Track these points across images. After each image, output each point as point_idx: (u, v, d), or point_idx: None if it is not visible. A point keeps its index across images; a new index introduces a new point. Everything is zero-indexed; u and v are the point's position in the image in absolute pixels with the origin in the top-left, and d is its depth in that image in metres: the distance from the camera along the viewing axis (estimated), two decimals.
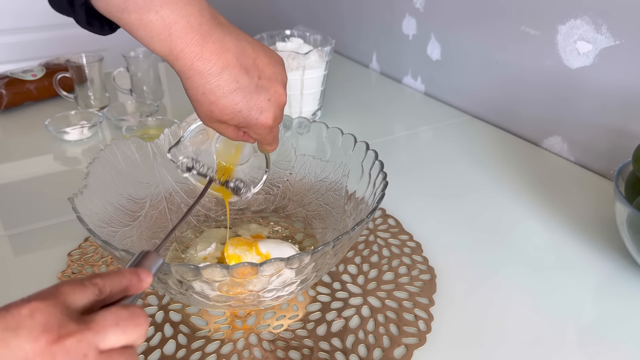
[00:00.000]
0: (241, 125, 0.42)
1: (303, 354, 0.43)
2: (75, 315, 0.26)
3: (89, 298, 0.27)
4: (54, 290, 0.26)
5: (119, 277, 0.29)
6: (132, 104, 0.89)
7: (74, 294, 0.26)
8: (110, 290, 0.28)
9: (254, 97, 0.41)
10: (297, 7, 1.36)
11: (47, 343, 0.24)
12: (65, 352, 0.24)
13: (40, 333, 0.24)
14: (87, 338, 0.25)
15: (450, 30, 0.92)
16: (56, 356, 0.24)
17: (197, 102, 0.41)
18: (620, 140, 0.69)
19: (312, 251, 0.37)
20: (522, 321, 0.47)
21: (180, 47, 0.38)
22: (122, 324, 0.26)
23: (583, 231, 0.59)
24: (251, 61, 0.41)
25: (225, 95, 0.39)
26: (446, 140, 0.83)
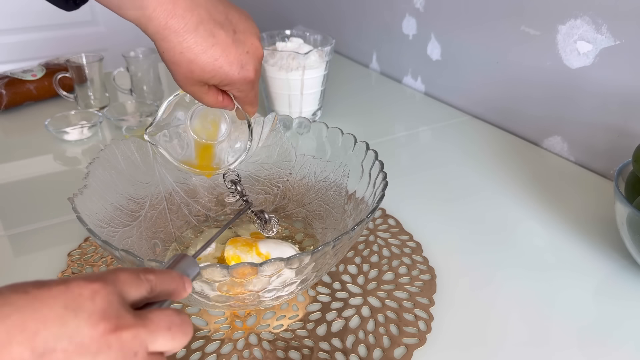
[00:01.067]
0: (223, 83, 0.42)
1: (303, 354, 0.43)
2: (129, 307, 0.25)
3: (141, 294, 0.27)
4: (113, 277, 0.26)
5: (169, 280, 0.29)
6: (132, 104, 0.89)
7: (130, 285, 0.26)
8: (159, 291, 0.28)
9: (233, 50, 0.41)
10: (297, 7, 1.36)
11: (104, 331, 0.23)
12: (120, 345, 0.24)
13: (99, 319, 0.23)
14: (141, 335, 0.25)
15: (450, 30, 0.92)
16: (111, 347, 0.23)
17: (175, 64, 0.40)
18: (620, 140, 0.69)
19: (312, 251, 0.37)
20: (522, 321, 0.47)
21: (152, 7, 0.38)
22: (173, 329, 0.26)
23: (583, 231, 0.59)
24: (223, 16, 0.41)
25: (204, 51, 0.39)
26: (446, 140, 0.83)
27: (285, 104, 0.85)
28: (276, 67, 0.81)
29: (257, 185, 0.59)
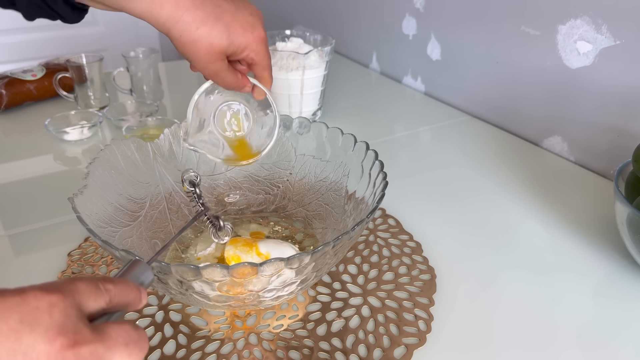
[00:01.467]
0: (240, 48, 0.45)
1: (303, 354, 0.43)
2: (87, 321, 0.25)
3: (99, 305, 0.26)
4: (71, 287, 0.25)
5: (127, 291, 0.28)
6: (132, 104, 0.89)
7: (89, 297, 0.25)
8: (117, 302, 0.27)
9: (240, 15, 0.45)
10: (297, 7, 1.36)
11: (61, 347, 0.23)
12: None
13: (56, 334, 0.23)
14: (99, 351, 0.24)
15: (450, 30, 0.92)
16: None
17: (195, 42, 0.44)
18: (620, 140, 0.69)
19: (312, 251, 0.37)
20: (522, 321, 0.47)
21: None
22: (130, 345, 0.25)
23: (583, 231, 0.59)
24: None
25: (217, 19, 0.43)
26: (446, 140, 0.83)
27: (285, 104, 0.85)
28: (276, 67, 0.81)
29: (257, 185, 0.59)
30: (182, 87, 1.06)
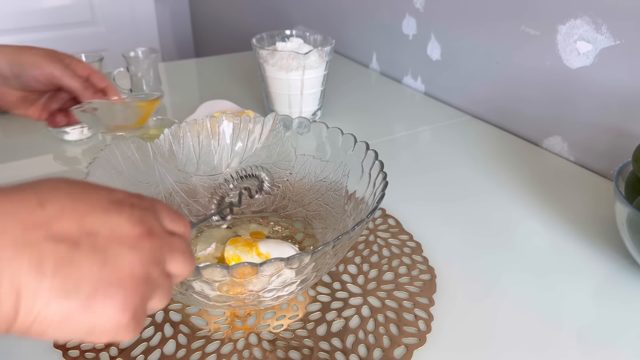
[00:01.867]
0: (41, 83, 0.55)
1: (303, 354, 0.43)
2: (161, 225, 0.29)
3: (172, 229, 0.30)
4: (152, 203, 0.30)
5: (188, 233, 0.32)
6: None
7: (168, 217, 0.30)
8: (182, 232, 0.31)
9: None
10: (297, 7, 1.36)
11: (140, 233, 0.27)
12: (149, 249, 0.27)
13: (137, 222, 0.27)
14: (165, 249, 0.28)
15: (450, 30, 0.92)
16: (142, 248, 0.27)
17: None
18: (620, 140, 0.69)
19: (312, 251, 0.37)
20: (522, 320, 0.47)
21: None
22: (186, 255, 0.30)
23: (583, 231, 0.59)
24: None
25: None
26: (446, 140, 0.83)
27: (285, 104, 0.85)
28: (276, 67, 0.81)
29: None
30: (182, 87, 1.06)
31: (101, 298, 0.25)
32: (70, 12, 1.83)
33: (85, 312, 0.25)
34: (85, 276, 0.25)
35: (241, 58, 1.23)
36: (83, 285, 0.25)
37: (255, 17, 1.60)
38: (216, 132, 0.56)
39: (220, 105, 0.86)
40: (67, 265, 0.24)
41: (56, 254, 0.24)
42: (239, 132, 0.57)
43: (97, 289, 0.25)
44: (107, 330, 0.26)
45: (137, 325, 0.27)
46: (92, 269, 0.25)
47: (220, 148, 0.57)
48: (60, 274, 0.24)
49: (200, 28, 2.06)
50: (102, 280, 0.25)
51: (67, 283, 0.24)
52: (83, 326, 0.25)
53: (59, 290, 0.24)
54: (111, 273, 0.26)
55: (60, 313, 0.24)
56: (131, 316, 0.26)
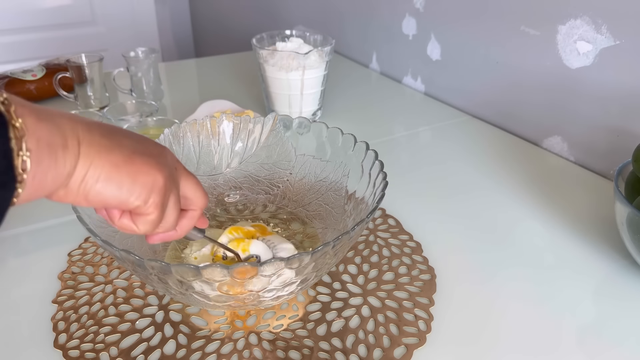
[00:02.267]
0: None
1: (303, 354, 0.43)
2: None
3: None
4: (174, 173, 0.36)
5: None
6: (132, 104, 0.89)
7: (177, 188, 0.36)
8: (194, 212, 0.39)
9: None
10: (297, 7, 1.36)
11: (165, 180, 0.33)
12: (170, 162, 0.35)
13: (168, 175, 0.34)
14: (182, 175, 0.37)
15: (450, 30, 0.92)
16: (166, 158, 0.34)
17: None
18: (620, 140, 0.69)
19: (312, 251, 0.37)
20: (522, 321, 0.47)
21: None
22: (200, 188, 0.39)
23: (583, 231, 0.59)
24: None
25: None
26: (446, 140, 0.83)
27: (285, 104, 0.85)
28: (276, 67, 0.81)
29: (257, 185, 0.59)
30: (182, 87, 1.06)
31: (139, 157, 0.32)
32: (70, 12, 1.83)
33: (128, 164, 0.31)
34: (125, 143, 0.32)
35: (241, 58, 1.23)
36: (123, 148, 0.31)
37: (255, 17, 1.60)
38: (216, 132, 0.56)
39: (220, 105, 0.86)
40: (109, 135, 0.31)
41: (99, 129, 0.31)
42: (239, 132, 0.57)
43: (135, 152, 0.32)
44: (145, 184, 0.32)
45: (163, 208, 0.33)
46: (130, 142, 0.32)
47: (220, 148, 0.57)
48: (105, 138, 0.30)
49: (200, 28, 2.06)
50: (138, 148, 0.32)
51: (112, 143, 0.31)
52: (126, 178, 0.31)
53: (106, 146, 0.30)
54: (144, 148, 0.33)
55: (109, 162, 0.30)
56: (164, 182, 0.33)
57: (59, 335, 0.45)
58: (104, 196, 0.31)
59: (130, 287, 0.50)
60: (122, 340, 0.44)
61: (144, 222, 0.34)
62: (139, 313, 0.47)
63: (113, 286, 0.51)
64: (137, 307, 0.48)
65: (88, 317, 0.47)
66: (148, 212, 0.33)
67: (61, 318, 0.47)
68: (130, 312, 0.48)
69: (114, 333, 0.45)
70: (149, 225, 0.34)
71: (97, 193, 0.30)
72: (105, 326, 0.46)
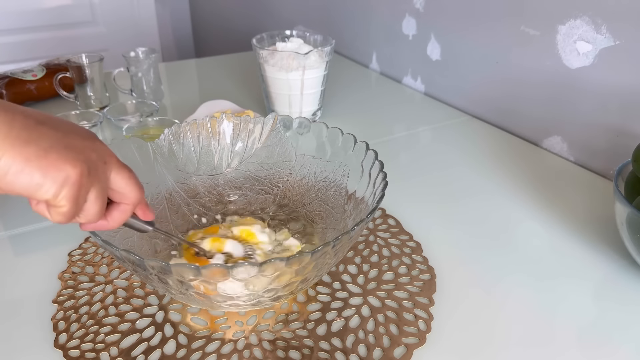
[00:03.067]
0: None
1: (303, 354, 0.43)
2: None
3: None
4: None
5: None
6: (132, 104, 0.89)
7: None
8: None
9: None
10: (297, 7, 1.36)
11: (81, 173, 0.33)
12: (100, 151, 0.35)
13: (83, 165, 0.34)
14: (112, 166, 0.37)
15: (450, 30, 0.92)
16: (94, 147, 0.35)
17: None
18: (620, 140, 0.69)
19: (312, 251, 0.37)
20: (522, 320, 0.47)
21: None
22: (133, 179, 0.38)
23: (583, 231, 0.59)
24: None
25: None
26: (446, 140, 0.83)
27: (285, 104, 0.85)
28: (276, 67, 0.81)
29: (257, 185, 0.59)
30: (182, 87, 1.06)
31: (55, 151, 0.32)
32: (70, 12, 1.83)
33: (40, 159, 0.31)
34: (47, 135, 0.32)
35: (241, 58, 1.23)
36: (42, 140, 0.32)
37: (255, 17, 1.60)
38: (216, 132, 0.57)
39: (220, 105, 0.86)
40: (32, 127, 0.32)
41: (23, 121, 0.32)
42: (239, 132, 0.57)
43: (53, 146, 0.32)
44: (56, 179, 0.32)
45: (76, 201, 0.34)
46: (51, 134, 0.33)
47: (221, 148, 0.57)
48: (25, 130, 0.31)
49: (200, 28, 2.06)
50: (59, 142, 0.33)
51: (30, 136, 0.31)
52: (37, 172, 0.31)
53: (22, 139, 0.31)
54: (67, 142, 0.33)
55: (21, 155, 0.31)
56: (78, 177, 0.33)
57: (59, 335, 0.45)
58: (15, 187, 0.32)
59: (130, 287, 0.50)
60: (122, 340, 0.44)
61: (57, 213, 0.34)
62: (139, 313, 0.48)
63: (113, 286, 0.51)
64: (137, 307, 0.48)
65: (88, 317, 0.47)
66: (60, 205, 0.34)
67: (61, 318, 0.47)
68: (130, 312, 0.48)
69: (114, 333, 0.45)
70: (62, 216, 0.34)
71: (7, 183, 0.32)
72: (105, 326, 0.46)
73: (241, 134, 0.57)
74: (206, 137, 0.56)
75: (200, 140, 0.56)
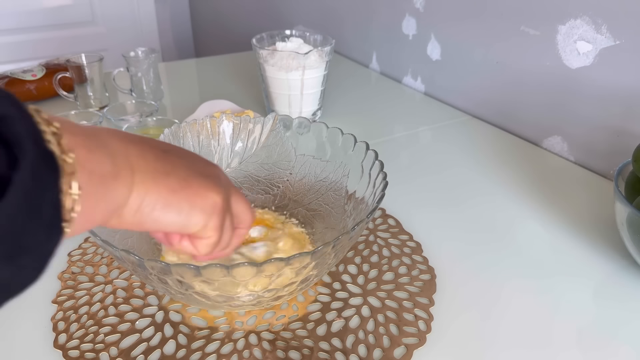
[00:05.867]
0: None
1: (303, 354, 0.43)
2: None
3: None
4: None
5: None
6: (132, 104, 0.89)
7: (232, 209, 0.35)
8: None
9: None
10: (297, 7, 1.36)
11: (223, 201, 0.32)
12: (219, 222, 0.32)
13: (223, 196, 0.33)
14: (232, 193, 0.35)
15: (450, 30, 0.92)
16: (219, 217, 0.32)
17: None
18: (620, 140, 0.69)
19: (312, 251, 0.37)
20: (522, 321, 0.47)
21: None
22: (249, 207, 0.37)
23: (583, 231, 0.59)
24: None
25: None
26: (446, 140, 0.83)
27: (285, 104, 0.85)
28: (276, 67, 0.81)
29: (257, 185, 0.59)
30: (182, 87, 1.06)
31: (196, 179, 0.31)
32: (70, 12, 1.83)
33: (185, 189, 0.30)
34: (180, 164, 0.31)
35: (241, 58, 1.22)
36: (179, 170, 0.30)
37: (255, 17, 1.60)
38: (216, 132, 0.56)
39: (220, 105, 0.86)
40: (163, 157, 0.30)
41: (153, 152, 0.29)
42: (239, 132, 0.57)
43: (190, 174, 0.31)
44: (204, 208, 0.30)
45: (221, 230, 0.32)
46: (182, 162, 0.31)
47: (220, 148, 0.57)
48: (160, 161, 0.29)
49: (200, 28, 2.06)
50: (193, 169, 0.31)
51: (166, 166, 0.29)
52: (185, 203, 0.29)
53: (161, 171, 0.29)
54: (199, 169, 0.32)
55: (166, 188, 0.29)
56: (223, 204, 0.32)
57: (58, 336, 0.45)
58: (162, 223, 0.29)
59: (130, 287, 0.50)
60: (122, 341, 0.44)
61: (205, 245, 0.32)
62: (139, 313, 0.47)
63: (113, 286, 0.51)
64: (137, 307, 0.48)
65: (88, 317, 0.47)
66: (209, 236, 0.32)
67: (61, 318, 0.47)
68: (130, 312, 0.48)
69: (114, 333, 0.45)
70: (210, 247, 0.33)
71: (154, 221, 0.29)
72: (105, 326, 0.46)
73: (241, 134, 0.57)
74: (206, 137, 0.56)
75: (200, 140, 0.56)
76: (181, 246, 0.33)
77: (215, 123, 0.56)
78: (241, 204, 0.36)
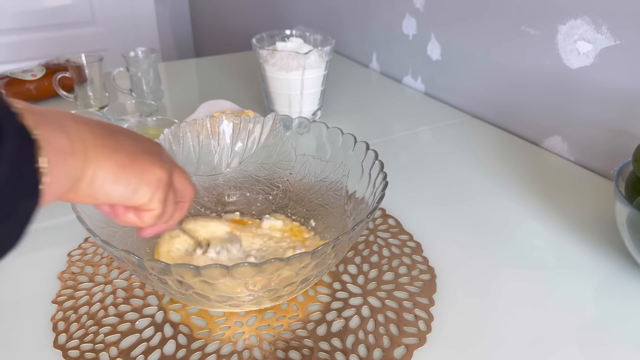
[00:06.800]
0: None
1: (303, 354, 0.43)
2: None
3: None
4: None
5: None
6: (132, 104, 0.89)
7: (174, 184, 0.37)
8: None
9: None
10: (297, 7, 1.36)
11: (167, 177, 0.35)
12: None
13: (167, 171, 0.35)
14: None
15: (450, 30, 0.92)
16: None
17: None
18: (620, 140, 0.69)
19: (312, 251, 0.37)
20: (523, 321, 0.47)
21: None
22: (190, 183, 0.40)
23: (583, 231, 0.59)
24: None
25: None
26: (446, 140, 0.83)
27: (285, 104, 0.85)
28: (276, 67, 0.81)
29: (257, 185, 0.59)
30: (182, 87, 1.06)
31: (142, 155, 0.33)
32: (70, 12, 1.83)
33: (133, 163, 0.32)
34: (126, 143, 0.32)
35: (241, 58, 1.22)
36: (126, 147, 0.32)
37: (255, 17, 1.60)
38: (216, 132, 0.56)
39: (220, 105, 0.86)
40: (111, 135, 0.32)
41: (102, 130, 0.31)
42: (239, 132, 0.57)
43: (137, 151, 0.33)
44: (151, 182, 0.33)
45: (166, 203, 0.35)
46: (130, 141, 0.33)
47: (220, 148, 0.57)
48: (108, 138, 0.31)
49: (200, 28, 2.06)
50: (139, 147, 0.33)
51: (115, 143, 0.31)
52: (133, 177, 0.32)
53: (111, 147, 0.31)
54: (144, 147, 0.34)
55: (116, 163, 0.31)
56: (168, 179, 0.34)
57: (58, 336, 0.45)
58: (112, 196, 0.31)
59: (130, 287, 0.50)
60: (122, 341, 0.44)
61: (149, 216, 0.35)
62: (139, 313, 0.47)
63: (113, 286, 0.51)
64: (137, 307, 0.48)
65: (88, 317, 0.47)
66: (153, 208, 0.34)
67: (61, 318, 0.47)
68: (130, 312, 0.48)
69: (114, 333, 0.45)
70: (154, 219, 0.35)
71: (106, 193, 0.31)
72: (105, 326, 0.46)
73: (241, 134, 0.57)
74: (206, 137, 0.56)
75: (200, 140, 0.56)
76: (126, 217, 0.35)
77: (215, 123, 0.56)
78: (183, 179, 0.38)
